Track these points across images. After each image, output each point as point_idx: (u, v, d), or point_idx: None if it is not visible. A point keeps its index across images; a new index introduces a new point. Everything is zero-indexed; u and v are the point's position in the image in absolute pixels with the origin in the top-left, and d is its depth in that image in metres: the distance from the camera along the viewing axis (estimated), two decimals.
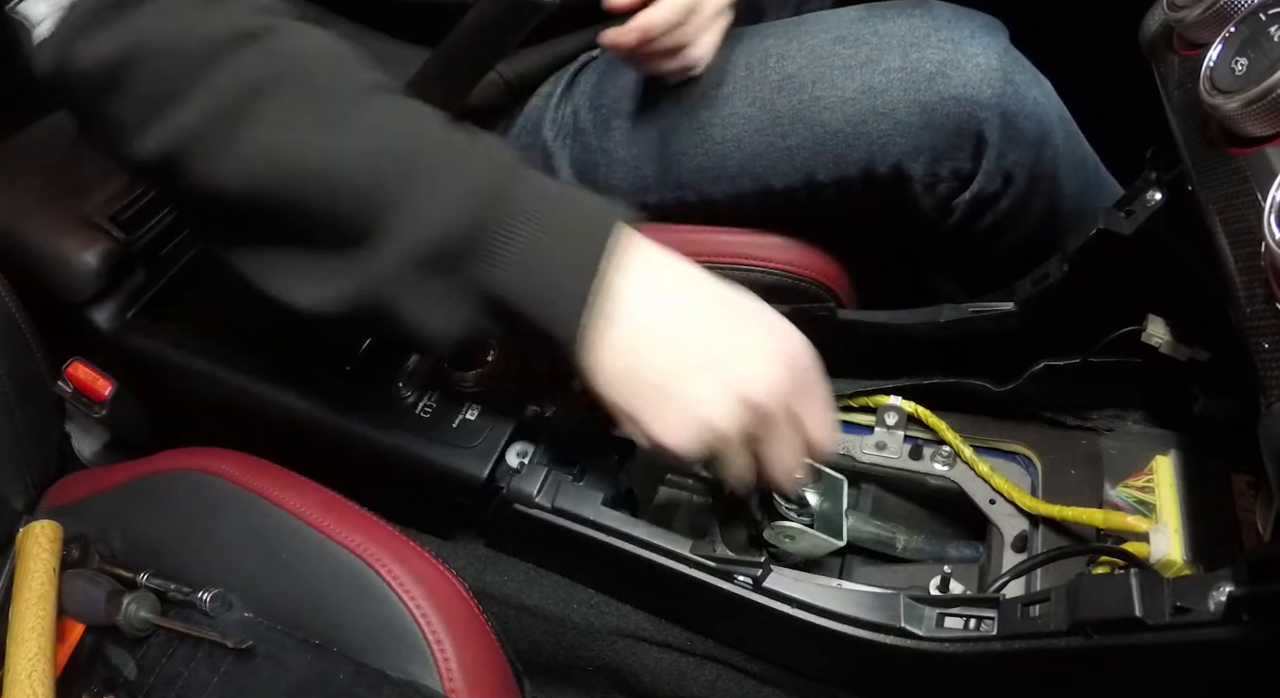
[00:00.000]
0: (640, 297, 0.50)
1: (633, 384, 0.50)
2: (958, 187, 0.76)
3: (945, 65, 0.71)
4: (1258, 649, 0.41)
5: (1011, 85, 0.71)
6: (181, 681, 0.58)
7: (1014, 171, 0.75)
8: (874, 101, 0.72)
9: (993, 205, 0.77)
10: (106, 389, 0.81)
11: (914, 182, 0.75)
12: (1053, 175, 0.76)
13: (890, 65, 0.72)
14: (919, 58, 0.72)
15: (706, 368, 0.49)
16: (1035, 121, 0.73)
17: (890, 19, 0.74)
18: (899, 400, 0.73)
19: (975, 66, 0.71)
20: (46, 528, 0.65)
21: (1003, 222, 0.78)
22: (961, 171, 0.75)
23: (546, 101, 0.85)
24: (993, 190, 0.76)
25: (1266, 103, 0.42)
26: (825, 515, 0.68)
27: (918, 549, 0.69)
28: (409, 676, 0.56)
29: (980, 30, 0.73)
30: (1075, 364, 0.67)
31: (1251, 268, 0.41)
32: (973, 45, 0.71)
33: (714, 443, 0.50)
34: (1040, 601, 0.49)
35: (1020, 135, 0.73)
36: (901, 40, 0.73)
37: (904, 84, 0.72)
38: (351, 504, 0.65)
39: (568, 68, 0.86)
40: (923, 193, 0.76)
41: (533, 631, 0.69)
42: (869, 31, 0.74)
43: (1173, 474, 0.61)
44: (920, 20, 0.73)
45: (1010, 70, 0.71)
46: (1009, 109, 0.71)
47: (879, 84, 0.72)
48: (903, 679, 0.58)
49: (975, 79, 0.70)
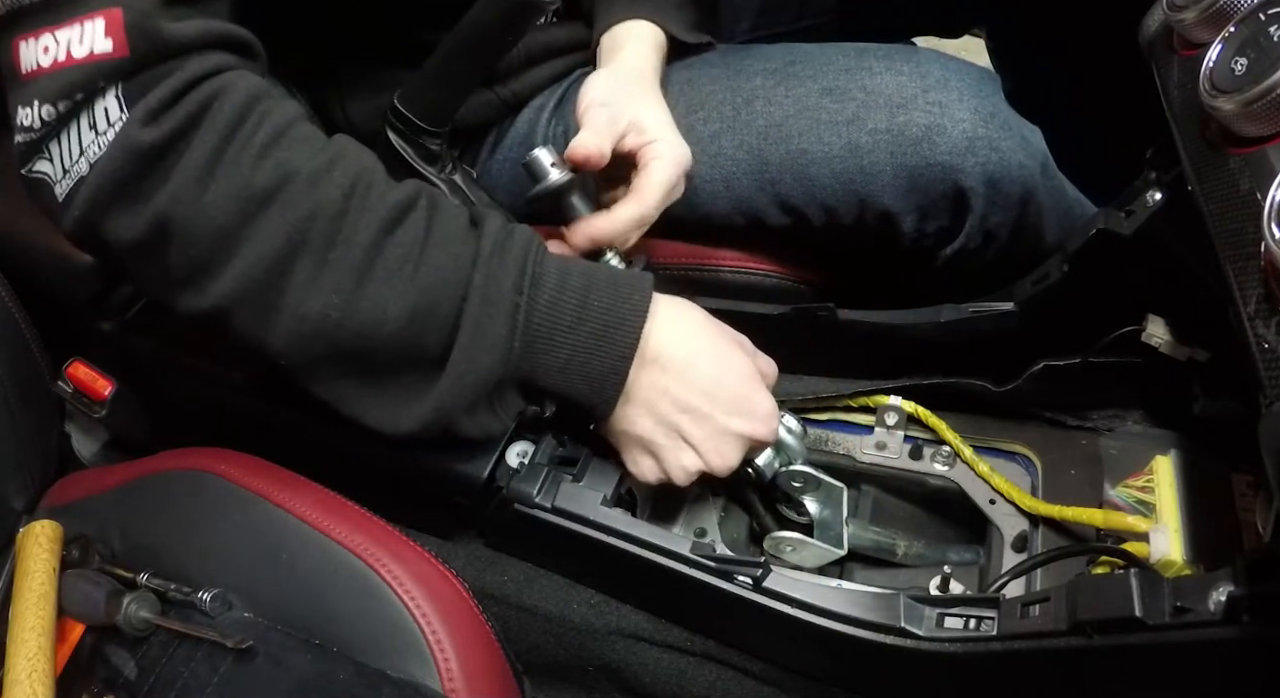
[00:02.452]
0: (666, 369, 0.60)
1: (650, 434, 0.62)
2: (942, 241, 0.77)
3: (931, 130, 0.70)
4: (1258, 649, 0.41)
5: (996, 152, 0.70)
6: (181, 681, 0.58)
7: (996, 231, 0.75)
8: (860, 161, 0.72)
9: (978, 256, 0.78)
10: (106, 389, 0.80)
11: (902, 235, 0.76)
12: (1036, 228, 0.76)
13: (877, 126, 0.72)
14: (905, 120, 0.71)
15: (698, 443, 0.61)
16: (1019, 185, 0.72)
17: (878, 74, 0.73)
18: (899, 400, 0.73)
19: (961, 133, 0.70)
20: (46, 528, 0.65)
21: (988, 268, 0.79)
22: (945, 228, 0.75)
23: (538, 114, 0.85)
24: (975, 246, 0.76)
25: (1266, 103, 0.42)
26: (825, 524, 0.68)
27: (918, 555, 0.69)
28: (409, 676, 0.56)
29: (969, 92, 0.72)
30: (1075, 364, 0.67)
31: (1251, 268, 0.41)
32: (960, 109, 0.70)
33: None
34: (1040, 601, 0.49)
35: (1003, 199, 0.73)
36: (889, 100, 0.72)
37: (890, 146, 0.71)
38: (351, 504, 0.65)
39: (561, 82, 0.87)
40: (909, 243, 0.77)
41: (533, 631, 0.69)
42: (856, 86, 0.73)
43: (1173, 474, 0.61)
44: (909, 79, 0.72)
45: (995, 137, 0.70)
46: (993, 176, 0.71)
47: (865, 144, 0.72)
48: (903, 679, 0.58)
49: (960, 146, 0.70)
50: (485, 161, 0.89)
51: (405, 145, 0.73)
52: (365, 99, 0.81)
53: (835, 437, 0.76)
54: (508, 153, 0.87)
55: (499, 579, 0.70)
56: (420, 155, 0.73)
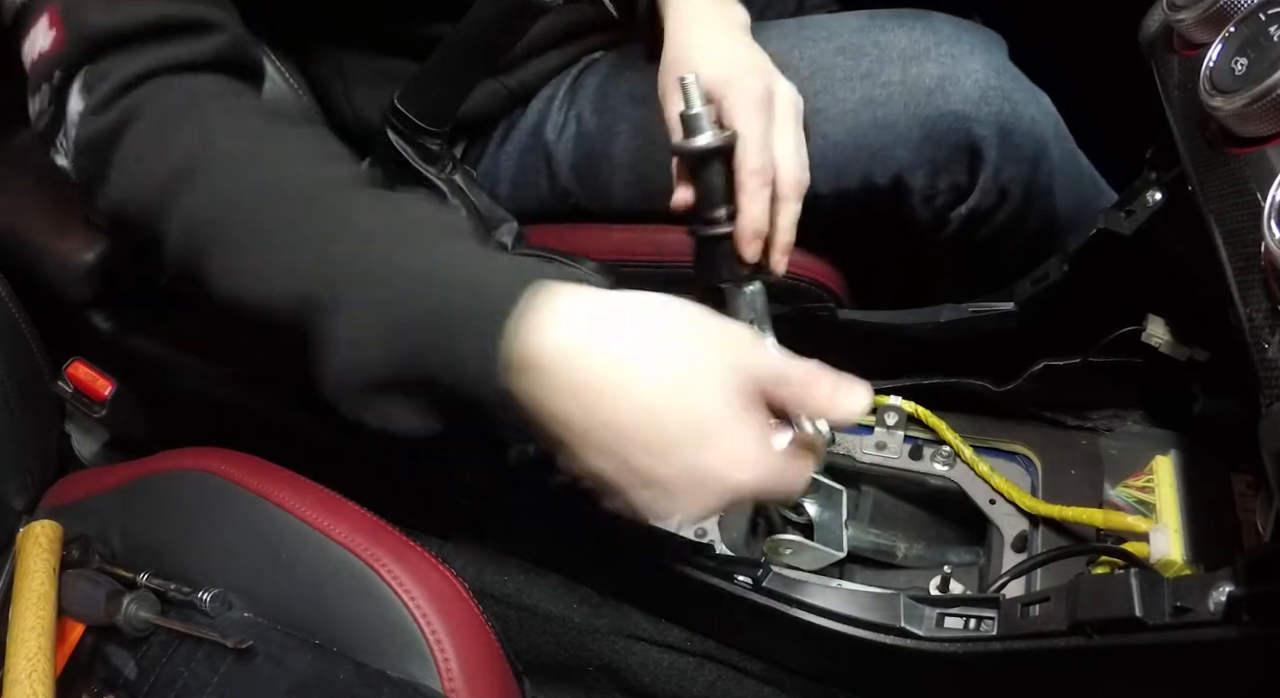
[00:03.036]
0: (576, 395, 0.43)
1: None
2: (954, 200, 0.76)
3: (944, 80, 0.71)
4: (1258, 649, 0.41)
5: (1009, 102, 0.71)
6: (181, 681, 0.58)
7: (1010, 187, 0.75)
8: (874, 113, 0.73)
9: (989, 219, 0.78)
10: (106, 389, 0.81)
11: (912, 194, 0.76)
12: (1048, 190, 0.77)
13: (890, 78, 0.72)
14: (919, 72, 0.72)
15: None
16: (1031, 139, 0.73)
17: (890, 30, 0.74)
18: (899, 400, 0.73)
19: (974, 83, 0.71)
20: (46, 528, 0.65)
21: (998, 233, 0.79)
22: (959, 185, 0.75)
23: (549, 104, 0.85)
24: (989, 205, 0.76)
25: (1266, 103, 0.42)
26: (825, 527, 0.68)
27: (918, 557, 0.69)
28: (409, 676, 0.56)
29: (980, 46, 0.73)
30: (1075, 364, 0.67)
31: (1251, 268, 0.41)
32: (972, 61, 0.71)
33: None
34: (1040, 601, 0.49)
35: (1016, 151, 0.73)
36: (902, 53, 0.73)
37: (904, 97, 0.72)
38: (351, 504, 0.65)
39: (570, 69, 0.86)
40: (920, 204, 0.77)
41: (533, 631, 0.69)
42: (869, 43, 0.74)
43: (1173, 474, 0.61)
44: (920, 33, 0.73)
45: (1008, 87, 0.71)
46: (1006, 126, 0.71)
47: (879, 96, 0.73)
48: (903, 679, 0.58)
49: (974, 95, 0.71)
50: (493, 154, 0.88)
51: (405, 145, 0.73)
52: (368, 88, 0.81)
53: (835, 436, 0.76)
54: (517, 145, 0.87)
55: (499, 579, 0.70)
56: (420, 155, 0.73)
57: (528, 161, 0.86)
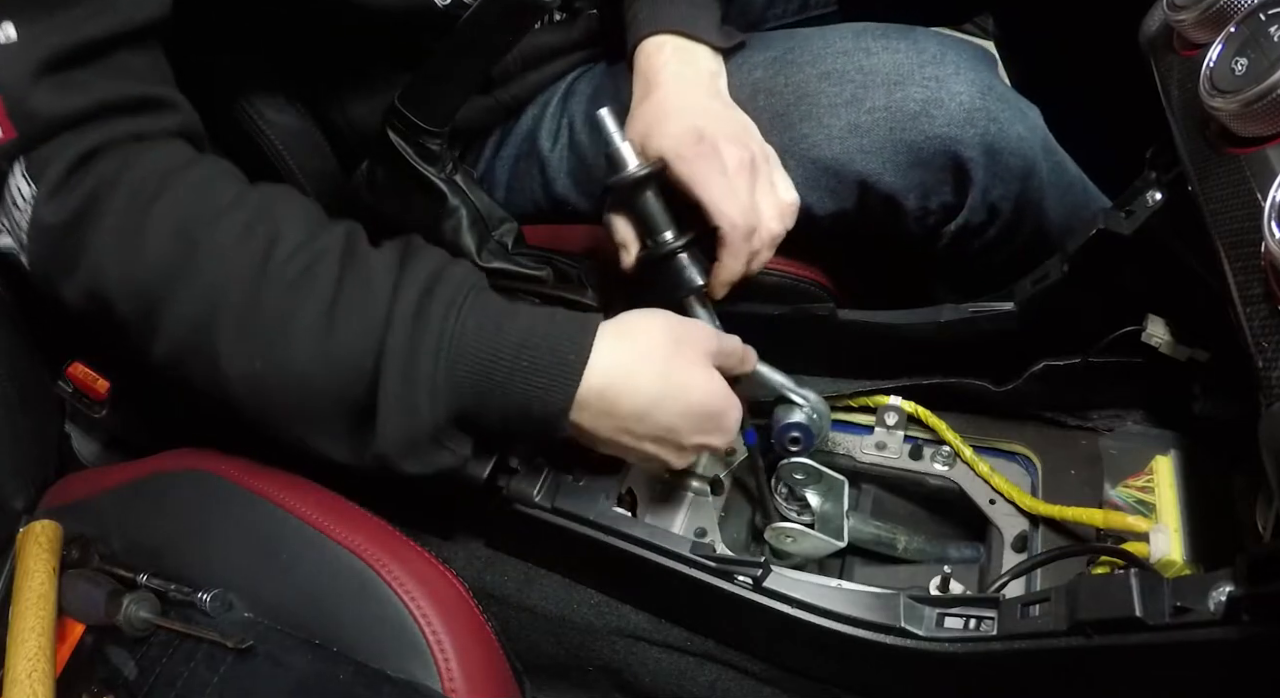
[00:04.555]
0: (613, 415, 0.58)
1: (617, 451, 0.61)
2: (946, 218, 0.77)
3: (929, 104, 0.71)
4: (1258, 649, 0.41)
5: (995, 122, 0.71)
6: (181, 681, 0.58)
7: (999, 204, 0.75)
8: (861, 140, 0.72)
9: (980, 234, 0.78)
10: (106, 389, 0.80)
11: (905, 214, 0.76)
12: (1038, 204, 0.77)
13: (875, 104, 0.72)
14: (903, 97, 0.71)
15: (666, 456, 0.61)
16: (1019, 157, 0.72)
17: (875, 53, 0.73)
18: (899, 400, 0.73)
19: (958, 105, 0.70)
20: (46, 528, 0.65)
21: (990, 245, 0.79)
22: (949, 205, 0.75)
23: (543, 111, 0.85)
24: (979, 221, 0.76)
25: (1266, 103, 0.42)
26: (826, 517, 0.69)
27: (918, 550, 0.69)
28: (409, 676, 0.56)
29: (965, 65, 0.72)
30: (1075, 364, 0.67)
31: (1251, 268, 0.41)
32: (956, 82, 0.71)
33: None
34: (1040, 601, 0.49)
35: (1005, 171, 0.73)
36: (886, 78, 0.72)
37: (889, 123, 0.72)
38: (351, 504, 0.65)
39: (562, 79, 0.86)
40: (914, 223, 0.77)
41: (533, 631, 0.69)
42: (853, 68, 0.73)
43: (1173, 474, 0.61)
44: (905, 56, 0.72)
45: (993, 108, 0.71)
46: (992, 146, 0.71)
47: (864, 123, 0.72)
48: (903, 680, 0.58)
49: (959, 118, 0.70)
50: (488, 161, 0.89)
51: (405, 145, 0.73)
52: (363, 101, 0.81)
53: (835, 436, 0.76)
54: (511, 151, 0.87)
55: (499, 579, 0.70)
56: (420, 155, 0.73)
57: (522, 168, 0.87)
